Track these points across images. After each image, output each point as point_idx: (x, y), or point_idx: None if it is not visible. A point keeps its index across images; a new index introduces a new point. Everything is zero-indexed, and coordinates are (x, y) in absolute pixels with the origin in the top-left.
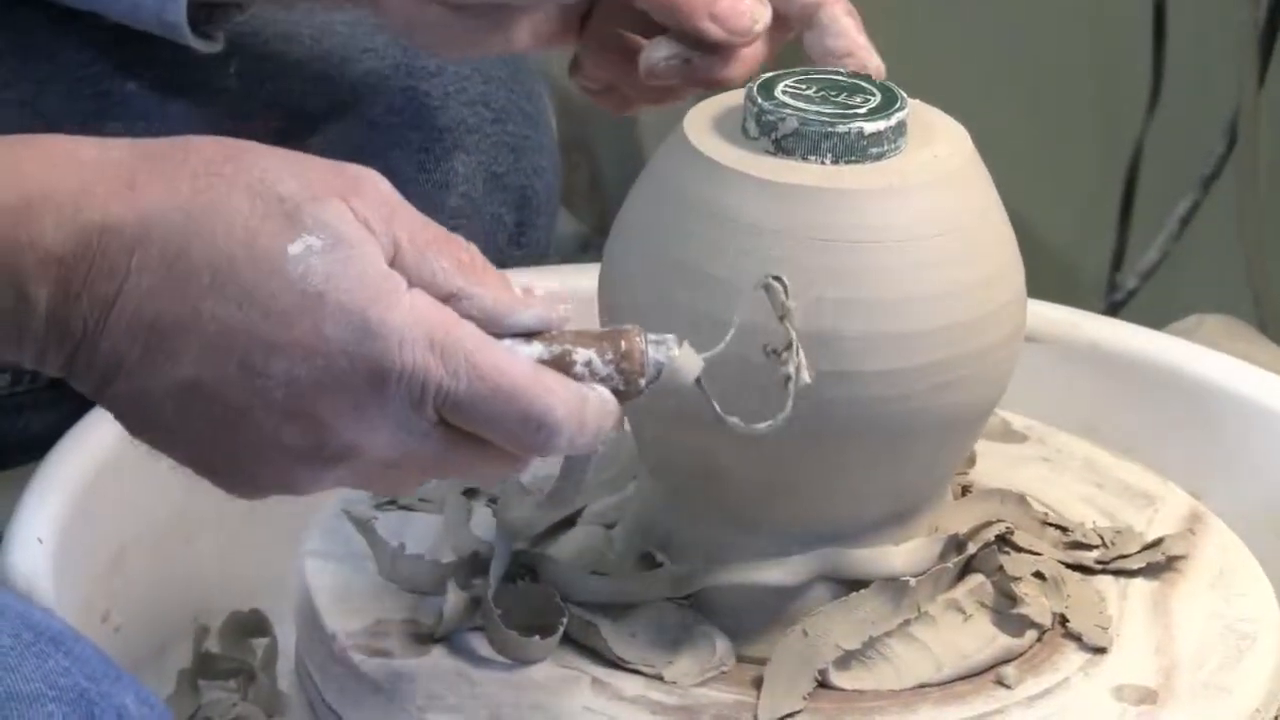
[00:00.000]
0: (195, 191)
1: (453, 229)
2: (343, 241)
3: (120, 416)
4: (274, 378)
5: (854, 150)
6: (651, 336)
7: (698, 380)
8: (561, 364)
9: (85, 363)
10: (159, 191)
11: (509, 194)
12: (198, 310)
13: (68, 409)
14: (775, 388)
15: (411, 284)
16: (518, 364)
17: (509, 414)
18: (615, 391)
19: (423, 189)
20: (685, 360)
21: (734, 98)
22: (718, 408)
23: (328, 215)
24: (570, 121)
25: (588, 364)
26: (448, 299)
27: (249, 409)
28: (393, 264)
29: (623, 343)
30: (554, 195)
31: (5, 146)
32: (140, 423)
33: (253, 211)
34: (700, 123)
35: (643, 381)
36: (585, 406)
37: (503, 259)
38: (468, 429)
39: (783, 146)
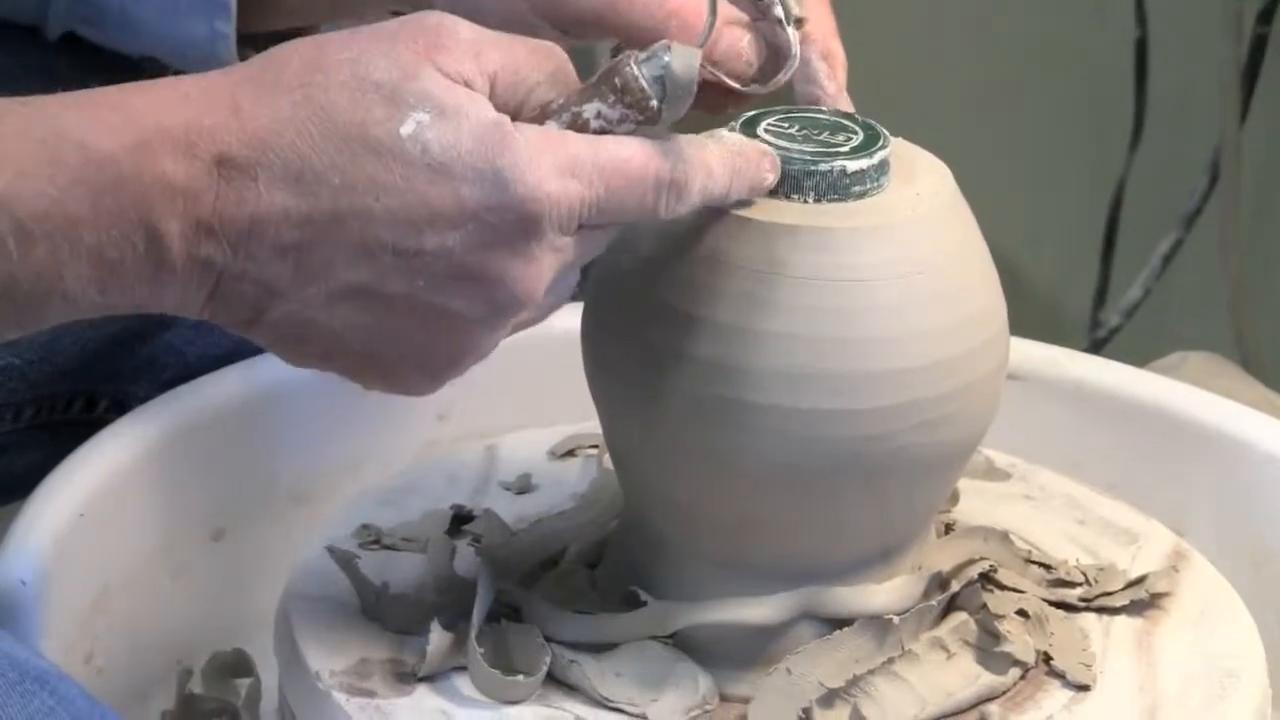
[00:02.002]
0: (295, 105)
1: None
2: (448, 108)
3: (277, 343)
4: (430, 253)
5: (836, 188)
6: (639, 55)
7: (704, 66)
8: (578, 128)
9: (232, 294)
10: (264, 112)
11: None
12: (337, 214)
13: (51, 449)
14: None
15: (514, 114)
16: (628, 146)
17: (644, 192)
18: (639, 125)
19: None
20: (680, 60)
21: (714, 135)
22: (731, 82)
23: (426, 86)
24: None
25: (599, 115)
26: (544, 113)
27: (412, 292)
28: (492, 97)
29: (616, 79)
30: None
31: (114, 91)
32: (300, 344)
33: (355, 105)
34: None
35: (654, 103)
36: (707, 154)
37: None
38: (603, 223)
39: None
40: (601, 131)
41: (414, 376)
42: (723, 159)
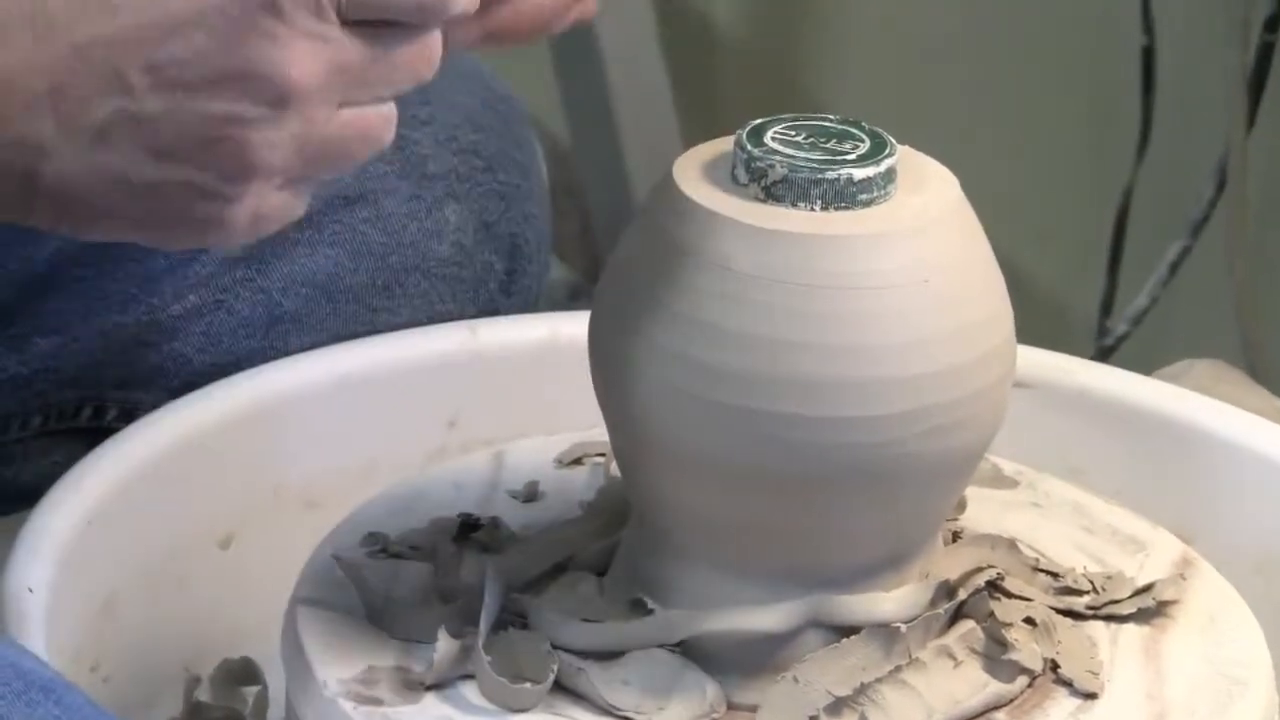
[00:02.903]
0: None
1: (444, 277)
2: None
3: (66, 213)
4: (180, 60)
5: (843, 197)
6: None
7: None
8: None
9: (5, 167)
10: None
11: (500, 242)
12: (78, 48)
13: (59, 458)
14: None
15: None
16: None
17: None
18: None
19: (414, 236)
20: None
21: (724, 144)
22: None
23: None
24: (560, 168)
25: None
26: None
27: (176, 108)
28: None
29: None
30: (545, 243)
31: None
32: (84, 204)
33: None
34: (690, 169)
35: None
36: None
37: (494, 306)
38: (371, 16)
39: (772, 193)
40: None
41: (205, 206)
42: None
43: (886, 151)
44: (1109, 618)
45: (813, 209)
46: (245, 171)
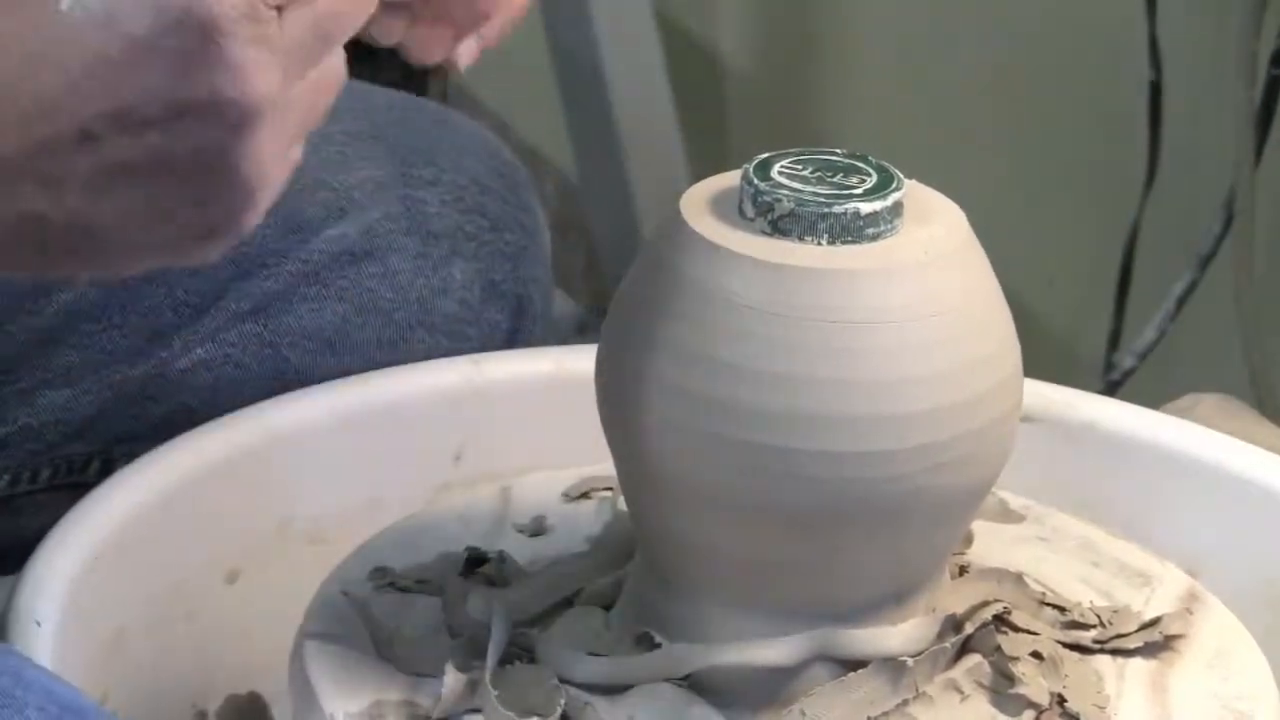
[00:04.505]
0: None
1: (449, 333)
2: None
3: (76, 262)
4: (139, 104)
5: (850, 231)
6: None
7: None
8: None
9: (6, 229)
10: None
11: (505, 301)
12: (44, 114)
13: (64, 511)
14: None
15: None
16: None
17: None
18: None
19: (420, 293)
20: None
21: (731, 179)
22: None
23: None
24: (567, 202)
25: None
26: None
27: (149, 146)
28: None
29: None
30: (548, 304)
31: None
32: (97, 249)
33: (7, 6)
34: (697, 203)
35: None
36: None
37: None
38: None
39: (779, 227)
40: None
41: (216, 215)
42: None
43: (893, 186)
44: (1115, 652)
45: (819, 243)
46: (245, 181)
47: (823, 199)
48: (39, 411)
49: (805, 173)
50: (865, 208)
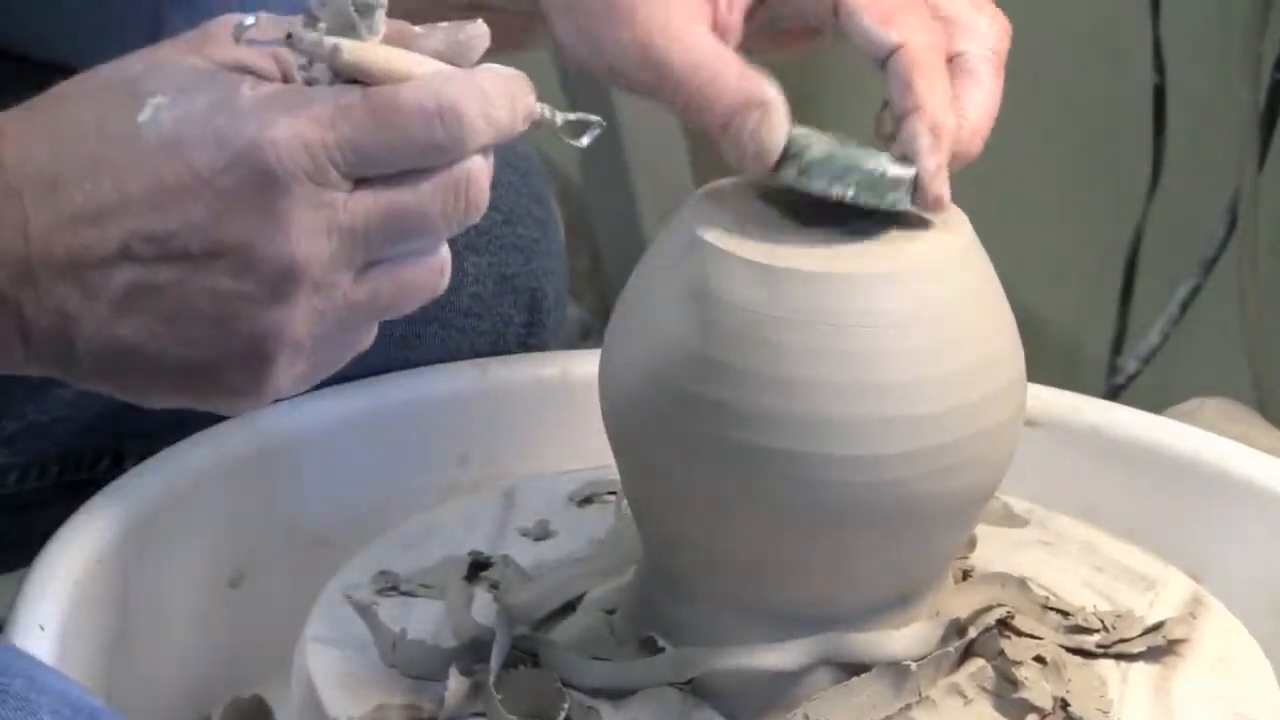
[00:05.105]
0: (50, 118)
1: (462, 329)
2: (189, 85)
3: (106, 382)
4: (182, 232)
5: (875, 188)
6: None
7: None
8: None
9: (39, 331)
10: (22, 128)
11: (519, 295)
12: (93, 217)
13: (74, 507)
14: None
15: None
16: (378, 84)
17: (408, 124)
18: (331, 64)
19: None
20: None
21: (736, 182)
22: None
23: (169, 71)
24: (571, 206)
25: (300, 68)
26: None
27: (183, 278)
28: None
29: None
30: (562, 296)
31: None
32: (123, 374)
33: (99, 104)
34: (702, 207)
35: (322, 27)
36: (476, 79)
37: None
38: (382, 171)
39: (806, 172)
40: (306, 83)
41: (236, 378)
42: (496, 83)
43: (911, 165)
44: (1119, 656)
45: (844, 195)
46: (261, 352)
47: (855, 153)
48: (48, 408)
49: (829, 136)
50: (893, 170)
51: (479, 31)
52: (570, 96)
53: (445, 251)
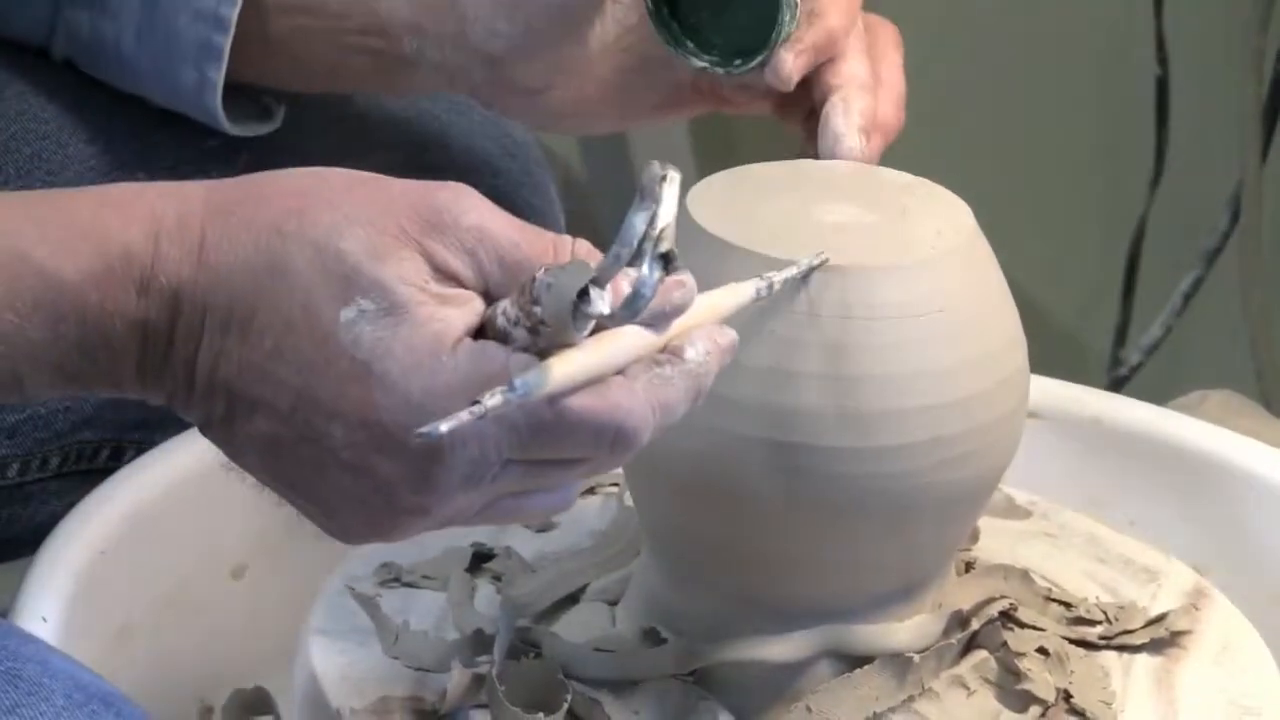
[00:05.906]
0: (259, 250)
1: None
2: (397, 304)
3: (225, 453)
4: (336, 439)
5: None
6: (553, 264)
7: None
8: (495, 329)
9: (182, 409)
10: (226, 252)
11: None
12: (265, 373)
13: (75, 500)
14: None
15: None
16: (567, 392)
17: (580, 441)
18: (533, 335)
19: None
20: (564, 280)
21: (738, 174)
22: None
23: (385, 275)
24: (573, 198)
25: (503, 312)
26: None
27: (323, 465)
28: (486, 293)
29: (525, 278)
30: None
31: (89, 202)
32: (240, 463)
33: (312, 270)
34: (704, 199)
35: (538, 310)
36: (665, 389)
37: None
38: (547, 456)
39: None
40: (504, 331)
41: (336, 532)
42: (684, 390)
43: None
44: (1122, 648)
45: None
46: (363, 534)
47: None
48: (49, 399)
49: None
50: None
51: (683, 302)
52: None
53: (576, 492)
